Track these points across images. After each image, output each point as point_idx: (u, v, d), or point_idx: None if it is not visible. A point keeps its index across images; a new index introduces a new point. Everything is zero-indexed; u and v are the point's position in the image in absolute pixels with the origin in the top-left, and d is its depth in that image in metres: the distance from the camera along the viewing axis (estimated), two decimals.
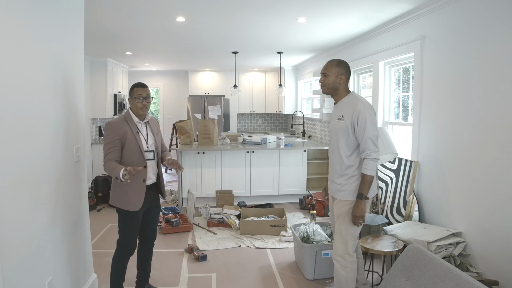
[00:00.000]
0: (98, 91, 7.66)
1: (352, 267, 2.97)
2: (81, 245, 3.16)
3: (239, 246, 4.63)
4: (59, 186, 2.72)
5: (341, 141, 2.94)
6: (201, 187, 6.37)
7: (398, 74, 5.01)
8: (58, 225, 2.70)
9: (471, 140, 3.33)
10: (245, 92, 10.26)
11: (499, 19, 3.01)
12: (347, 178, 2.94)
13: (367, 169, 2.83)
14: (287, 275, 3.89)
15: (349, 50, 6.04)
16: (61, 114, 2.78)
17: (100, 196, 6.46)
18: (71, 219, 2.95)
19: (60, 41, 2.75)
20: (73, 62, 3.03)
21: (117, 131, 3.01)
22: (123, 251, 3.13)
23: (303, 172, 6.68)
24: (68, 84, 2.90)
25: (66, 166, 2.87)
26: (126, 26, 4.83)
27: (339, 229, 2.99)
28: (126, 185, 2.98)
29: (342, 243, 2.96)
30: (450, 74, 3.61)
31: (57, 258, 2.68)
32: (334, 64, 2.99)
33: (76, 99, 3.08)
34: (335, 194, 3.04)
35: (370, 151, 2.82)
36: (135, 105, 3.13)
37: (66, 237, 2.83)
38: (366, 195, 2.86)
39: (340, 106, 3.02)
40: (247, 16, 4.42)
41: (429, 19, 3.92)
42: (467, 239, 3.36)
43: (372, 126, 2.83)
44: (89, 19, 4.29)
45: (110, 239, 4.80)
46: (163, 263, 4.13)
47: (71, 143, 2.96)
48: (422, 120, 4.06)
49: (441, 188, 3.73)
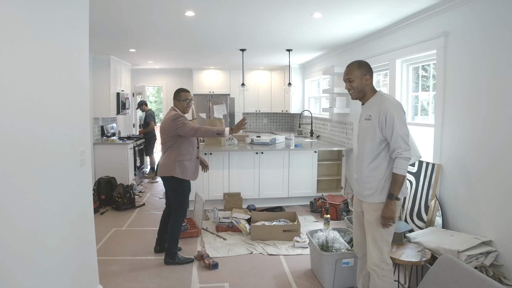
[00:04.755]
0: (101, 89, 7.44)
1: (390, 276, 2.81)
2: (86, 255, 2.95)
3: (251, 252, 4.42)
4: (63, 193, 2.52)
5: (369, 142, 2.82)
6: (208, 190, 6.16)
7: (416, 73, 4.79)
8: (61, 233, 2.50)
9: (500, 142, 3.12)
10: (251, 91, 10.02)
11: None
12: (375, 180, 2.79)
13: (399, 168, 2.69)
14: (304, 284, 3.68)
15: (362, 47, 5.81)
16: (65, 115, 2.57)
17: (103, 198, 6.25)
18: (75, 227, 2.73)
19: (64, 37, 2.54)
20: (78, 59, 2.82)
21: None
22: (183, 212, 4.17)
23: (313, 174, 6.47)
24: (73, 83, 2.70)
25: (70, 170, 2.66)
26: (132, 21, 4.61)
27: (372, 236, 2.82)
28: (187, 160, 4.05)
29: (377, 250, 2.80)
30: (476, 72, 3.40)
31: (60, 270, 2.47)
32: (355, 67, 2.86)
33: (81, 99, 2.87)
34: (364, 197, 2.88)
35: (401, 149, 2.68)
36: (182, 105, 4.16)
37: (69, 247, 2.62)
38: (397, 195, 2.71)
39: (368, 106, 2.90)
40: (260, 11, 4.21)
41: (453, 14, 3.70)
42: (498, 248, 3.14)
43: (402, 124, 2.69)
44: (93, 13, 4.06)
45: (115, 245, 4.60)
46: (172, 271, 3.92)
47: (75, 145, 2.76)
48: (445, 121, 3.85)
49: (468, 193, 3.52)
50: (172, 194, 4.17)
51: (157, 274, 3.85)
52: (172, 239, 4.11)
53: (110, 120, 8.38)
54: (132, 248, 4.52)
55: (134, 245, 4.62)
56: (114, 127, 8.42)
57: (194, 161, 4.15)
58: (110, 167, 7.11)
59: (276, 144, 6.74)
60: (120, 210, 6.10)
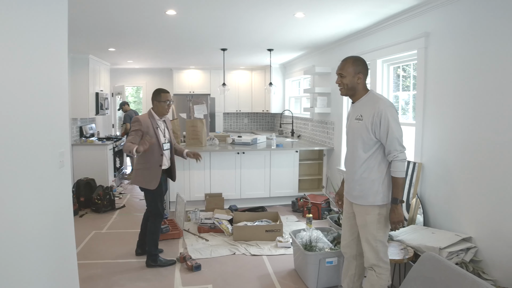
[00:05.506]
0: (79, 89, 7.28)
1: (386, 274, 2.82)
2: (65, 259, 2.85)
3: (234, 253, 4.39)
4: (41, 195, 2.44)
5: (360, 143, 2.77)
6: (190, 190, 6.10)
7: (395, 73, 4.85)
8: (39, 237, 2.41)
9: (481, 140, 3.18)
10: (231, 91, 9.95)
11: (507, 15, 2.87)
12: (366, 182, 2.77)
13: (398, 172, 2.69)
14: (289, 284, 3.67)
15: (344, 47, 5.84)
16: (44, 115, 2.49)
17: (82, 201, 6.12)
18: (54, 231, 2.64)
19: (42, 34, 2.46)
20: (57, 58, 2.72)
21: (142, 124, 3.86)
22: (158, 217, 4.06)
23: (295, 174, 6.48)
24: (51, 83, 2.61)
25: (49, 172, 2.58)
26: (111, 19, 4.52)
27: (364, 237, 2.82)
28: (146, 169, 3.93)
29: (372, 251, 2.80)
30: (456, 72, 3.46)
31: (38, 275, 2.39)
32: (350, 62, 2.79)
33: (60, 99, 2.78)
34: (355, 199, 2.86)
35: (397, 152, 2.67)
36: (162, 107, 4.00)
37: (48, 251, 2.53)
38: (401, 198, 2.72)
39: (358, 105, 2.84)
40: (242, 11, 4.18)
41: (434, 15, 3.75)
42: (478, 244, 3.21)
43: (397, 125, 2.67)
44: (71, 11, 3.98)
45: (96, 248, 4.50)
46: (155, 274, 3.86)
47: (54, 147, 2.67)
48: (426, 120, 3.90)
49: (448, 191, 3.58)
50: (145, 198, 4.12)
51: (139, 277, 3.79)
52: (151, 241, 4.04)
53: (88, 121, 8.23)
54: (113, 251, 4.43)
55: (115, 248, 4.53)
56: (93, 128, 8.26)
57: (153, 169, 3.95)
58: (89, 169, 6.97)
59: (257, 144, 6.72)
60: (99, 212, 5.98)
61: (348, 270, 3.14)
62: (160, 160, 3.98)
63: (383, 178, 2.75)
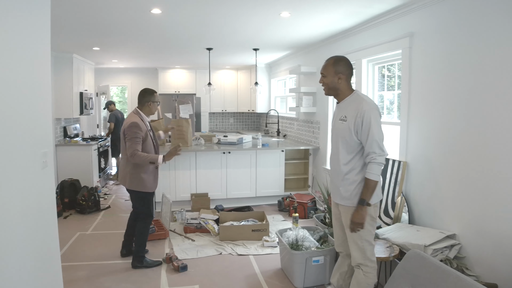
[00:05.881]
0: (63, 89, 7.17)
1: (373, 272, 2.84)
2: (49, 262, 2.80)
3: (220, 253, 4.38)
4: (23, 197, 2.39)
5: (343, 143, 2.77)
6: (176, 191, 6.07)
7: (382, 72, 4.89)
8: (21, 239, 2.37)
9: (464, 139, 3.23)
10: (217, 91, 9.93)
11: (490, 16, 2.92)
12: (350, 183, 2.77)
13: (371, 174, 2.66)
14: (275, 284, 3.68)
15: (329, 46, 5.87)
16: (26, 115, 2.44)
17: (66, 202, 6.04)
18: (37, 233, 2.59)
19: (23, 32, 2.42)
20: (39, 56, 2.67)
21: (143, 129, 3.82)
22: (150, 215, 4.06)
23: (280, 173, 6.49)
24: (33, 82, 2.56)
25: (32, 173, 2.53)
26: (96, 17, 4.45)
27: (351, 237, 2.83)
28: (144, 172, 3.85)
29: (358, 250, 2.82)
30: (440, 72, 3.50)
31: (20, 278, 2.35)
32: (330, 63, 2.79)
33: (43, 99, 2.74)
34: (340, 200, 2.87)
35: (375, 154, 2.64)
36: (154, 107, 4.01)
37: (30, 253, 2.48)
38: (368, 201, 2.69)
39: (343, 106, 2.84)
40: (228, 10, 4.17)
41: (418, 15, 3.80)
42: (461, 241, 3.25)
43: (378, 128, 2.66)
44: (55, 8, 3.91)
45: (80, 249, 4.44)
46: (141, 275, 3.83)
47: (37, 147, 2.63)
48: (411, 120, 3.94)
49: (432, 189, 3.62)
50: (136, 201, 4.06)
51: (125, 279, 3.75)
52: (140, 242, 4.01)
53: (73, 121, 8.12)
54: (98, 253, 4.38)
55: (100, 249, 4.47)
56: (77, 128, 8.16)
57: (151, 173, 3.95)
58: (73, 169, 6.88)
59: (243, 143, 6.71)
60: (84, 213, 5.91)
61: (341, 267, 3.17)
62: None
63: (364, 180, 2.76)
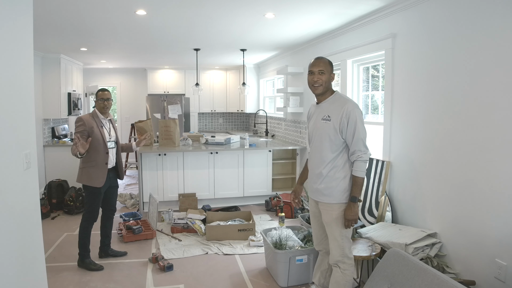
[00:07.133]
0: (51, 89, 7.12)
1: (351, 269, 2.89)
2: (33, 263, 2.79)
3: (206, 253, 4.39)
4: (4, 199, 2.39)
5: (328, 143, 2.83)
6: (163, 191, 6.07)
7: (367, 73, 4.94)
8: (4, 241, 2.37)
9: (445, 139, 3.28)
10: (206, 91, 9.97)
11: (471, 16, 2.97)
12: (332, 181, 2.83)
13: (359, 171, 2.76)
14: (259, 283, 3.70)
15: (315, 47, 5.92)
16: (6, 115, 2.44)
17: (54, 202, 6.01)
18: (19, 235, 2.59)
19: (4, 31, 2.41)
20: (21, 56, 2.67)
21: (86, 123, 3.86)
22: (88, 218, 4.04)
23: (268, 173, 6.52)
24: (15, 82, 2.56)
25: (13, 174, 2.52)
26: (82, 18, 4.44)
27: (332, 235, 2.88)
28: (91, 167, 3.92)
29: (338, 248, 2.87)
30: (422, 72, 3.55)
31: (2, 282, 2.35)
32: (327, 62, 2.89)
33: (25, 99, 2.73)
34: (320, 198, 2.91)
35: (361, 152, 2.75)
36: (98, 105, 4.03)
37: (12, 256, 2.48)
38: (359, 197, 2.79)
39: (325, 106, 2.90)
40: (212, 10, 4.18)
41: (400, 16, 3.85)
42: (442, 239, 3.31)
43: (362, 127, 2.76)
44: (40, 9, 3.91)
45: (67, 250, 4.43)
46: (126, 275, 3.83)
47: (19, 148, 2.62)
48: (394, 120, 3.99)
49: (415, 188, 3.67)
50: (86, 197, 4.09)
51: (110, 279, 3.75)
52: (79, 241, 4.02)
53: (61, 121, 8.07)
54: None
55: None
56: (66, 128, 8.12)
57: (99, 168, 3.95)
58: (61, 170, 6.82)
59: (231, 144, 6.73)
60: (72, 214, 5.89)
61: (321, 266, 3.22)
62: (106, 158, 3.98)
63: (349, 177, 2.83)
